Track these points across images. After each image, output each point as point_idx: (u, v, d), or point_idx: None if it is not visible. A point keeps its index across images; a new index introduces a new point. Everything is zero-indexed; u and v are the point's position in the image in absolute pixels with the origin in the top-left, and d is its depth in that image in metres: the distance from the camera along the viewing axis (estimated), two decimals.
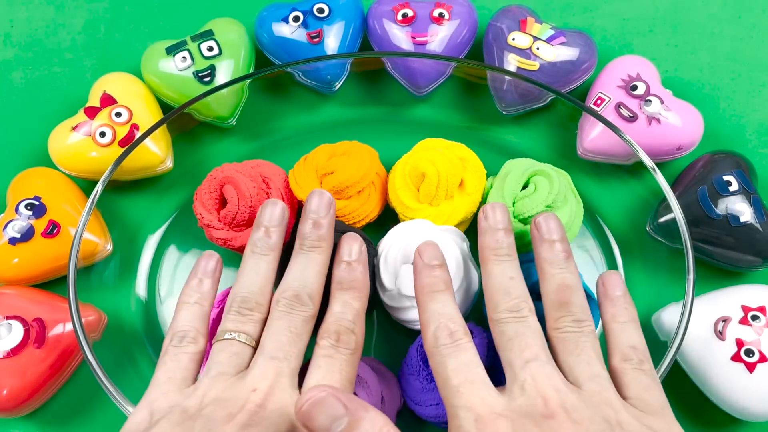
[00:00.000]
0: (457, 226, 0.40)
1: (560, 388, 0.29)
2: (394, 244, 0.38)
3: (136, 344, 0.41)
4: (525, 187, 0.39)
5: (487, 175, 0.41)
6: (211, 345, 0.34)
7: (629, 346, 0.32)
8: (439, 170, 0.38)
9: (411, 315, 0.37)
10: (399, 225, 0.39)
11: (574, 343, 0.31)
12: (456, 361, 0.30)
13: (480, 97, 0.46)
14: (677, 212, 0.38)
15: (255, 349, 0.32)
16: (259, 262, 0.34)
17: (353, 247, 0.35)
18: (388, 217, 0.41)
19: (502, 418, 0.28)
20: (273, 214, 0.36)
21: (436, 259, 0.34)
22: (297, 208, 0.41)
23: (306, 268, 0.34)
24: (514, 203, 0.39)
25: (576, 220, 0.39)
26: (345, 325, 0.33)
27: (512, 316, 0.32)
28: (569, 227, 0.38)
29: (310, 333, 0.33)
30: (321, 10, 0.45)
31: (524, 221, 0.38)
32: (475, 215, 0.40)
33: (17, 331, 0.38)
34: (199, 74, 0.44)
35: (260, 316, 0.33)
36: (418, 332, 0.38)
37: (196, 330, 0.33)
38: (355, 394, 0.34)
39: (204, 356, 0.33)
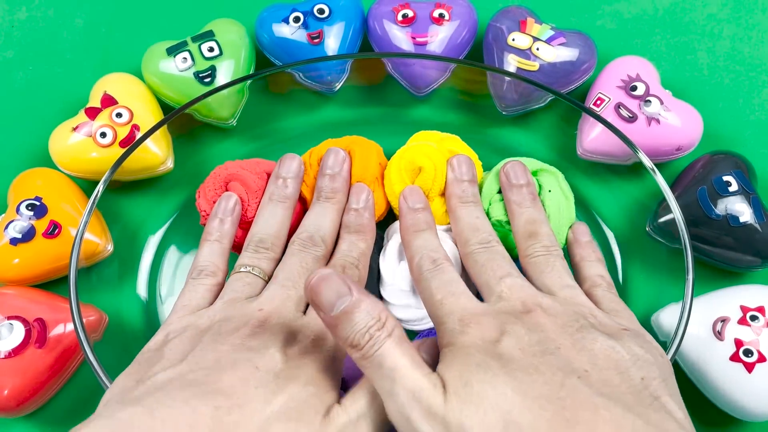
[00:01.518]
0: None
1: (535, 294, 0.32)
2: (393, 241, 0.38)
3: (136, 344, 0.40)
4: None
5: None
6: None
7: (597, 275, 0.35)
8: (435, 164, 0.38)
9: (406, 314, 0.38)
10: (398, 222, 0.39)
11: (545, 263, 0.34)
12: (438, 281, 0.33)
13: (480, 98, 0.46)
14: (676, 213, 0.38)
15: (267, 283, 0.35)
16: (276, 208, 0.38)
17: (361, 196, 0.39)
18: (388, 214, 0.41)
19: (484, 315, 0.30)
20: (291, 166, 0.39)
21: (419, 203, 0.38)
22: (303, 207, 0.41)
23: (320, 215, 0.37)
24: (490, 204, 0.39)
25: (562, 220, 0.39)
26: (350, 261, 0.36)
27: (482, 247, 0.35)
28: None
29: None
30: (321, 11, 0.45)
31: (499, 225, 0.38)
32: None
33: (18, 332, 0.38)
34: (200, 75, 0.44)
35: (274, 255, 0.36)
36: (412, 333, 0.38)
37: (215, 265, 0.36)
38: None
39: (221, 288, 0.35)
